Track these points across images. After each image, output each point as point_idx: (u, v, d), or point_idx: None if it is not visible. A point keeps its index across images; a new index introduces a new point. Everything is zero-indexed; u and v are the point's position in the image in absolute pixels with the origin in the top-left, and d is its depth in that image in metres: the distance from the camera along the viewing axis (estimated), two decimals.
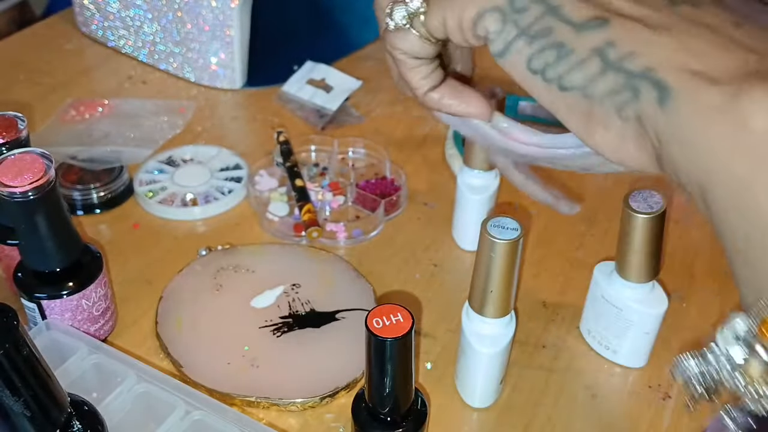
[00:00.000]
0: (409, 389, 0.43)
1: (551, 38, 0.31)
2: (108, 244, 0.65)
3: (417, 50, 0.37)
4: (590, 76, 0.30)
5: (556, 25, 0.31)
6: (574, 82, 0.31)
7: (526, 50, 0.32)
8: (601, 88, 0.30)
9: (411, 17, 0.36)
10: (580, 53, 0.30)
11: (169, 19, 0.84)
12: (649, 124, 0.29)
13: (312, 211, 0.66)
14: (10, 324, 0.34)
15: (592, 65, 0.30)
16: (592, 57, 0.30)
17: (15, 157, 0.47)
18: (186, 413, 0.46)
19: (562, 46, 0.31)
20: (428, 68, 0.38)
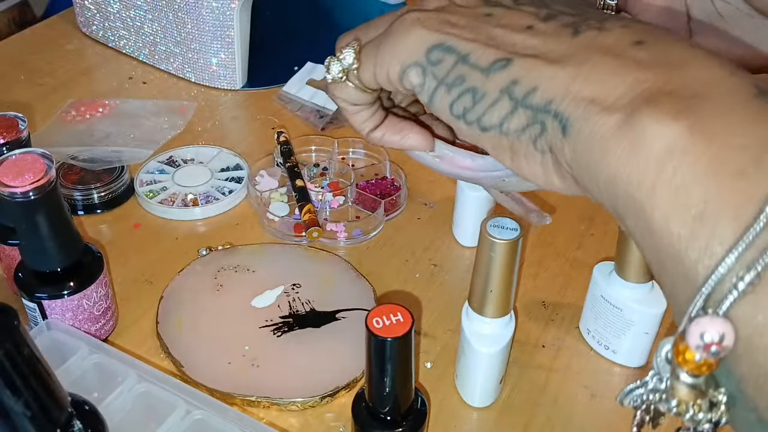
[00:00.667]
0: (409, 389, 0.43)
1: (465, 84, 0.33)
2: (109, 244, 0.65)
3: (355, 99, 0.40)
4: (503, 115, 0.32)
5: (467, 71, 0.33)
6: (492, 122, 0.33)
7: (446, 98, 0.34)
8: (514, 125, 0.32)
9: (346, 71, 0.39)
10: (492, 95, 0.32)
11: (170, 20, 0.84)
12: (560, 154, 0.30)
13: (312, 212, 0.66)
14: (10, 324, 0.34)
15: (504, 104, 0.32)
16: (502, 97, 0.32)
17: (16, 157, 0.47)
18: (186, 413, 0.46)
19: (476, 90, 0.33)
20: (368, 112, 0.41)
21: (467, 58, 0.33)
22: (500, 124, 0.32)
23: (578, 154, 0.29)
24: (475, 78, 0.33)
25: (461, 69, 0.33)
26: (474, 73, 0.33)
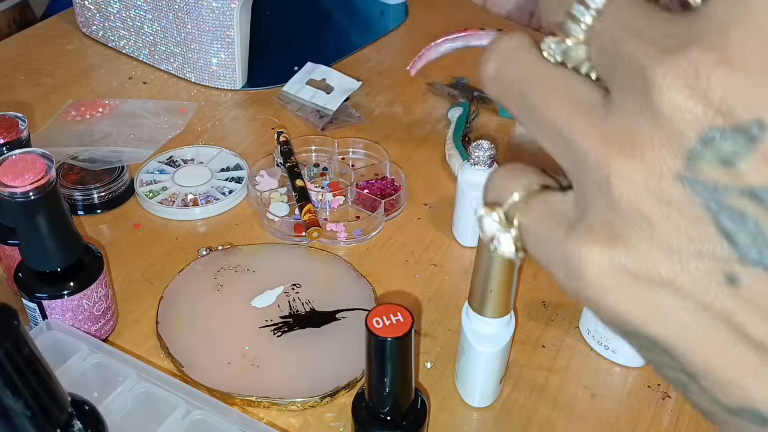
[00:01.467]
0: (408, 389, 0.43)
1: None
2: (109, 244, 0.65)
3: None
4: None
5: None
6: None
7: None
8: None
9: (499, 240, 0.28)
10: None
11: (170, 20, 0.84)
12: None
13: (312, 212, 0.66)
14: (10, 324, 0.34)
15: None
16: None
17: (16, 157, 0.47)
18: (186, 413, 0.46)
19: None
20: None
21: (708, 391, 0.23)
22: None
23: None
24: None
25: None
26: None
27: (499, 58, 0.25)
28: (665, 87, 0.19)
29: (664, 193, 0.20)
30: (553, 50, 0.24)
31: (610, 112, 0.21)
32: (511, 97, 0.25)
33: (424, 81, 0.87)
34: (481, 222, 0.26)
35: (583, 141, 0.21)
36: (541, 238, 0.24)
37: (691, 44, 0.19)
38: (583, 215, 0.22)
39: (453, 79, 0.87)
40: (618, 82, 0.21)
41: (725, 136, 0.19)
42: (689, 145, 0.19)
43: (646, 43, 0.20)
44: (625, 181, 0.20)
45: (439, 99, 0.85)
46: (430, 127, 0.80)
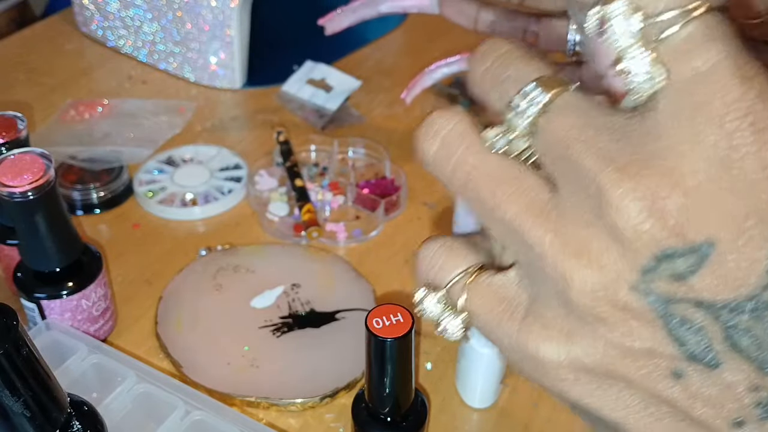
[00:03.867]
0: (409, 389, 0.43)
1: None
2: (108, 244, 0.65)
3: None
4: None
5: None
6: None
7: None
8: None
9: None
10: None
11: (169, 19, 0.84)
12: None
13: (312, 211, 0.66)
14: (9, 324, 0.34)
15: None
16: None
17: (15, 157, 0.47)
18: (186, 413, 0.46)
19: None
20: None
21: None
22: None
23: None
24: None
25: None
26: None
27: (440, 141, 0.25)
28: (623, 208, 0.20)
29: (619, 301, 0.21)
30: (496, 142, 0.24)
31: (562, 215, 0.22)
32: (452, 183, 0.25)
33: None
34: (423, 304, 0.26)
35: (538, 245, 0.22)
36: (491, 325, 0.25)
37: (646, 166, 0.20)
38: (533, 306, 0.23)
39: (453, 78, 0.87)
40: (567, 185, 0.22)
41: (679, 255, 0.20)
42: (644, 261, 0.21)
43: (600, 157, 0.21)
44: (583, 289, 0.21)
45: (439, 99, 0.85)
46: None
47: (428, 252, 0.27)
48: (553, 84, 0.23)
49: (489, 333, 0.25)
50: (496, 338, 0.25)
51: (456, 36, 0.71)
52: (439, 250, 0.26)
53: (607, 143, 0.21)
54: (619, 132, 0.21)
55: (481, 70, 0.25)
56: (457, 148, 0.24)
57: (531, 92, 0.23)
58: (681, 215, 0.20)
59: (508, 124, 0.24)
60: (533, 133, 0.23)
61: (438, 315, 0.26)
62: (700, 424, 0.22)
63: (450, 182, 0.25)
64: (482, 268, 0.26)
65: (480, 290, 0.25)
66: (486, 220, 0.24)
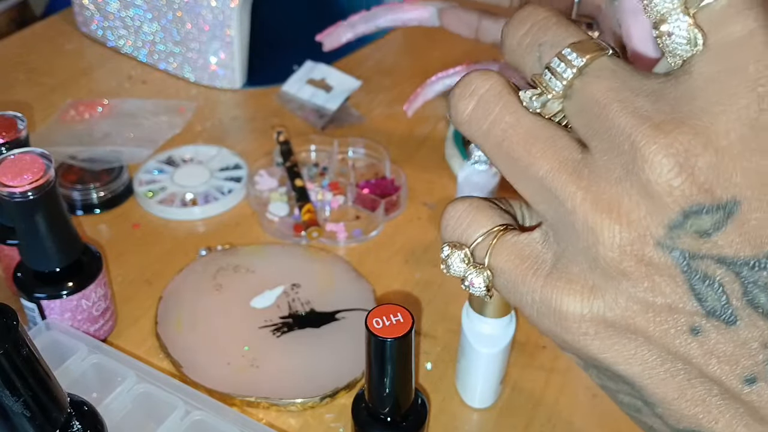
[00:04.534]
0: (409, 389, 0.43)
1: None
2: (108, 244, 0.65)
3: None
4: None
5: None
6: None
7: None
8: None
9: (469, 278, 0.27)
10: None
11: (169, 19, 0.84)
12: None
13: (312, 211, 0.66)
14: (9, 324, 0.34)
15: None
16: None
17: (15, 157, 0.47)
18: (186, 413, 0.46)
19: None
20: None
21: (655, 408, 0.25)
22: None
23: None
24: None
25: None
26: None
27: (476, 100, 0.25)
28: (657, 163, 0.21)
29: (645, 256, 0.22)
30: (532, 102, 0.25)
31: (594, 173, 0.23)
32: (487, 141, 0.25)
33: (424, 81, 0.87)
34: (448, 260, 0.27)
35: (569, 200, 0.23)
36: (516, 282, 0.25)
37: (682, 124, 0.21)
38: (559, 263, 0.24)
39: None
40: (600, 144, 0.23)
41: (705, 211, 0.21)
42: (672, 216, 0.21)
43: (636, 115, 0.22)
44: (612, 243, 0.22)
45: (439, 99, 0.85)
46: (430, 127, 0.80)
47: (455, 212, 0.27)
48: (589, 48, 0.24)
49: (513, 290, 0.25)
50: (519, 295, 0.25)
51: (455, 36, 0.71)
52: (466, 210, 0.27)
53: (643, 103, 0.22)
54: (655, 94, 0.22)
55: (518, 35, 0.26)
56: (494, 107, 0.25)
57: (568, 55, 0.24)
58: (711, 173, 0.21)
59: (544, 86, 0.24)
60: (568, 96, 0.24)
61: (462, 273, 0.27)
62: (713, 381, 0.22)
63: (485, 140, 0.25)
64: (507, 228, 0.26)
65: (505, 248, 0.26)
66: (518, 178, 0.25)
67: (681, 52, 0.22)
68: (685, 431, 0.24)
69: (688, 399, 0.23)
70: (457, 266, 0.27)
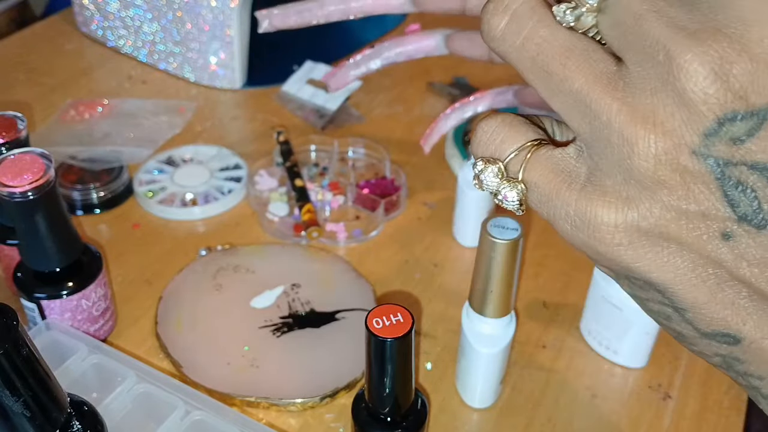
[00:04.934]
0: (409, 389, 0.43)
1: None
2: (108, 244, 0.65)
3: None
4: (708, 356, 0.27)
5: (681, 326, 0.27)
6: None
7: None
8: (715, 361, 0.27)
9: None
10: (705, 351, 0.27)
11: (169, 19, 0.84)
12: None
13: (312, 211, 0.66)
14: (9, 324, 0.34)
15: (714, 359, 0.27)
16: (714, 357, 0.27)
17: (15, 157, 0.47)
18: (186, 413, 0.46)
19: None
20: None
21: (684, 313, 0.25)
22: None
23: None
24: (690, 335, 0.26)
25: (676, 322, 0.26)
26: (689, 330, 0.26)
27: (510, 15, 0.25)
28: (692, 71, 0.21)
29: (680, 165, 0.22)
30: (566, 16, 0.25)
31: (629, 84, 0.23)
32: (520, 56, 0.25)
33: (424, 81, 0.87)
34: (482, 175, 0.27)
35: (605, 112, 0.23)
36: (550, 195, 0.25)
37: (716, 33, 0.21)
38: (593, 176, 0.24)
39: (453, 78, 0.87)
40: (636, 55, 0.23)
41: (741, 118, 0.21)
42: (707, 124, 0.22)
43: (671, 25, 0.22)
44: (647, 153, 0.22)
45: (439, 99, 0.85)
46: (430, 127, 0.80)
47: (488, 126, 0.27)
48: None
49: (547, 203, 0.26)
50: (553, 209, 0.25)
51: None
52: (500, 125, 0.27)
53: (678, 13, 0.22)
54: (690, 3, 0.22)
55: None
56: (528, 21, 0.25)
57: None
58: (746, 80, 0.21)
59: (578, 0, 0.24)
60: (602, 10, 0.24)
61: (496, 187, 0.26)
62: (743, 284, 0.23)
63: (519, 55, 0.25)
64: (541, 143, 0.26)
65: (539, 162, 0.26)
66: (552, 93, 0.25)
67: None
68: (714, 333, 0.24)
69: (718, 302, 0.23)
70: (491, 180, 0.26)
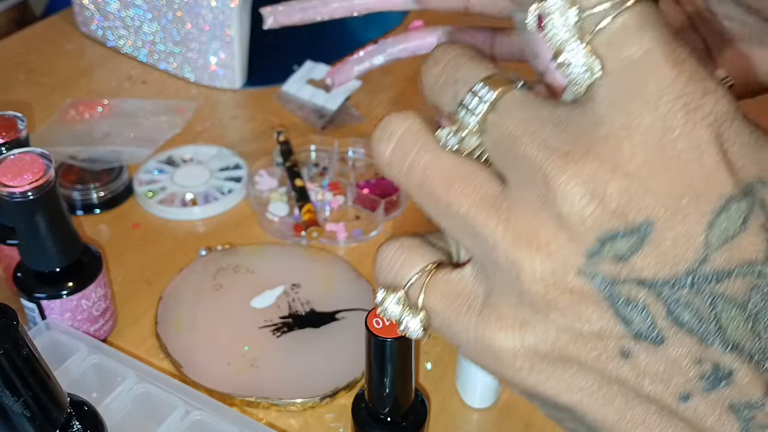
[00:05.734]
0: (409, 389, 0.43)
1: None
2: (108, 244, 0.65)
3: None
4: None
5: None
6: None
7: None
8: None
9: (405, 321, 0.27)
10: None
11: (169, 19, 0.84)
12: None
13: (312, 211, 0.66)
14: (9, 324, 0.34)
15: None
16: None
17: (15, 157, 0.47)
18: (186, 413, 0.46)
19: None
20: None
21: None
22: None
23: None
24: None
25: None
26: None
27: (394, 142, 0.25)
28: (567, 193, 0.21)
29: (568, 285, 0.22)
30: (449, 140, 0.25)
31: (512, 206, 0.23)
32: (408, 182, 0.25)
33: None
34: (383, 304, 0.26)
35: (490, 236, 0.23)
36: (450, 320, 0.25)
37: (588, 152, 0.21)
38: (489, 299, 0.24)
39: None
40: (516, 176, 0.23)
41: (621, 236, 0.21)
42: (589, 245, 0.22)
43: (544, 147, 0.22)
44: (534, 276, 0.22)
45: None
46: None
47: (387, 252, 0.27)
48: (500, 82, 0.24)
49: (448, 329, 0.25)
50: (454, 333, 0.25)
51: None
52: (398, 251, 0.27)
53: (551, 134, 0.22)
54: (563, 123, 0.22)
55: (434, 74, 0.26)
56: (412, 147, 0.25)
57: (479, 91, 0.24)
58: (622, 197, 0.21)
59: (459, 123, 0.24)
60: (483, 131, 0.24)
61: (398, 315, 0.26)
62: (649, 401, 0.22)
63: (406, 181, 0.25)
64: (440, 266, 0.26)
65: (437, 287, 0.25)
66: (440, 217, 0.25)
67: (581, 80, 0.22)
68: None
69: (628, 421, 0.23)
70: (393, 309, 0.26)
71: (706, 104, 0.21)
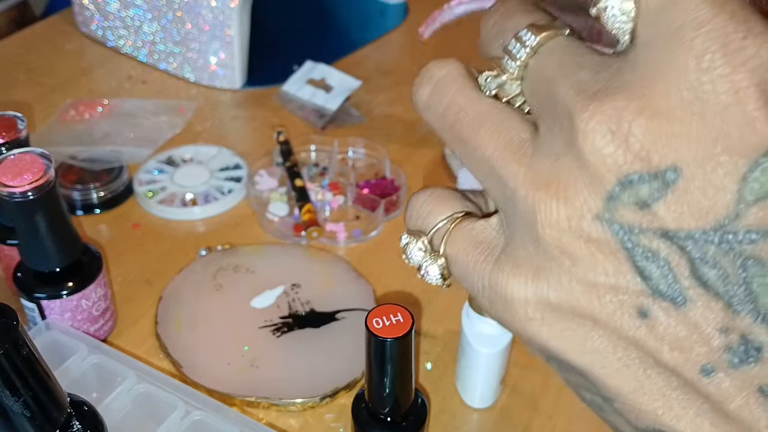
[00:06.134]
0: (409, 389, 0.43)
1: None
2: (108, 244, 0.65)
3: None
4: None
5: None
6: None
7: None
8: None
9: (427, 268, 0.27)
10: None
11: (169, 19, 0.84)
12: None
13: (312, 211, 0.66)
14: (9, 324, 0.34)
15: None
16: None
17: (15, 157, 0.47)
18: (186, 413, 0.46)
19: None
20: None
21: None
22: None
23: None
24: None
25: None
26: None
27: (433, 85, 0.25)
28: (588, 131, 0.20)
29: (584, 232, 0.21)
30: (488, 84, 0.24)
31: (537, 151, 0.22)
32: (442, 125, 0.25)
33: None
34: (407, 249, 0.26)
35: (512, 179, 0.22)
36: (468, 268, 0.24)
37: (617, 91, 0.20)
38: (508, 247, 0.23)
39: None
40: (546, 121, 0.22)
41: (643, 180, 0.20)
42: (608, 187, 0.20)
43: (575, 87, 0.21)
44: (550, 220, 0.21)
45: None
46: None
47: (417, 201, 0.27)
48: (545, 28, 0.23)
49: (464, 277, 0.25)
50: (471, 282, 0.24)
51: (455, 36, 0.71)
52: (428, 198, 0.26)
53: (586, 76, 0.21)
54: (599, 66, 0.21)
55: (488, 25, 0.25)
56: (450, 90, 0.25)
57: (524, 36, 0.23)
58: (646, 139, 0.19)
59: (501, 68, 0.24)
60: (524, 77, 0.23)
61: (419, 261, 0.26)
62: (669, 371, 0.21)
63: (440, 124, 0.25)
64: (467, 216, 0.25)
65: (460, 235, 0.25)
66: (469, 162, 0.24)
67: (621, 25, 0.21)
68: (647, 430, 0.22)
69: (646, 392, 0.21)
70: (415, 255, 0.26)
71: (749, 46, 0.19)
